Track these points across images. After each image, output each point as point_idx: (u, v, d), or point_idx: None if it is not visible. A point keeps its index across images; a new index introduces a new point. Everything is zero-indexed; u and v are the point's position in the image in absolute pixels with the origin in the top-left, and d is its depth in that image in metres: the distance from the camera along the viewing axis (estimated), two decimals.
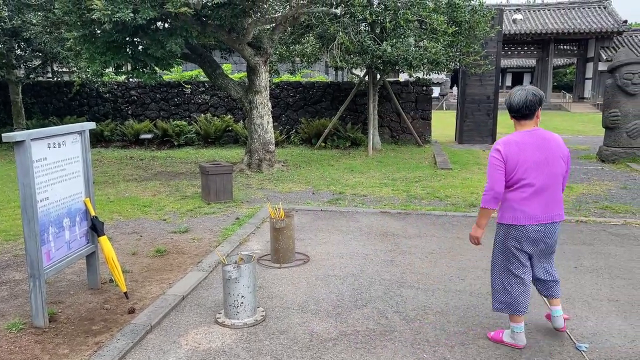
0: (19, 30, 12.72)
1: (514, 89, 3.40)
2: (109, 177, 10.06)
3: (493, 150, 3.31)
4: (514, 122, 3.37)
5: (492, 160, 3.30)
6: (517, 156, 3.24)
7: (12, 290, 4.47)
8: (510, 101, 3.33)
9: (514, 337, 3.45)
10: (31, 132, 3.62)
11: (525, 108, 3.27)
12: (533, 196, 3.27)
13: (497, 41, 14.59)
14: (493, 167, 3.30)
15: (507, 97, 3.39)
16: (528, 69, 51.48)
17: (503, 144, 3.29)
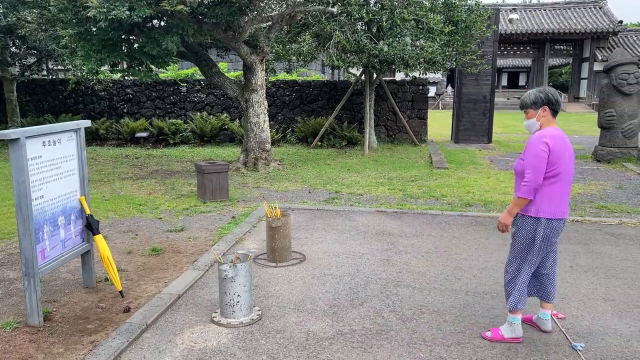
0: (13, 27, 12.64)
1: (547, 88, 3.49)
2: (104, 175, 10.02)
3: (540, 143, 3.30)
4: (549, 117, 3.43)
5: (539, 152, 3.29)
6: (560, 150, 3.31)
7: (7, 289, 4.45)
8: (554, 96, 3.43)
9: (514, 330, 3.52)
10: (26, 129, 3.59)
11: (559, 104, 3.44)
12: (566, 190, 3.39)
13: (493, 41, 14.62)
14: (540, 159, 3.29)
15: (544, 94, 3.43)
16: (524, 69, 51.62)
17: (550, 137, 3.32)
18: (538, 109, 3.44)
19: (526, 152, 3.38)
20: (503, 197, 7.99)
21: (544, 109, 3.42)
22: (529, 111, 3.49)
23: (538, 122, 3.45)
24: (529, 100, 3.46)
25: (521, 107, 3.56)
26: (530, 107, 3.46)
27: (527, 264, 3.48)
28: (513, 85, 52.74)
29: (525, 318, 3.79)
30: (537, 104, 3.43)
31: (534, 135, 3.39)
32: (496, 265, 5.02)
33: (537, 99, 3.42)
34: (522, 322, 3.74)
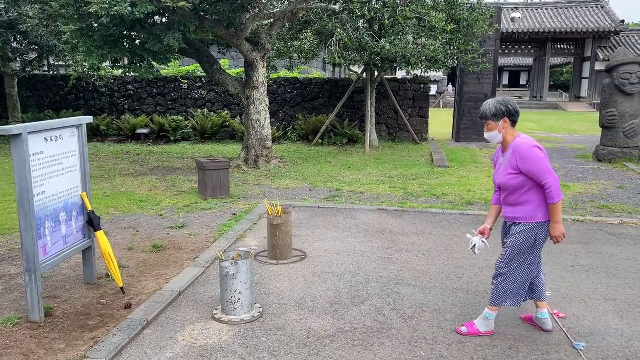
0: (15, 22, 12.64)
1: (507, 99, 3.50)
2: (105, 171, 10.02)
3: (534, 148, 3.34)
4: (510, 127, 3.47)
5: (540, 155, 3.32)
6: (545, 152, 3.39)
7: (8, 285, 4.45)
8: (514, 107, 3.46)
9: (489, 325, 3.62)
10: (28, 125, 3.59)
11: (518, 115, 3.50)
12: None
13: (495, 39, 14.60)
14: (545, 160, 3.33)
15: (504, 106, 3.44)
16: (525, 68, 51.60)
17: (533, 142, 3.39)
18: (499, 120, 3.45)
19: (522, 162, 3.34)
20: None
21: (504, 121, 3.44)
22: (490, 123, 3.48)
23: (500, 133, 3.47)
24: (489, 112, 3.46)
25: (481, 118, 3.56)
26: (491, 119, 3.46)
27: (526, 265, 3.51)
28: (514, 84, 52.73)
29: (526, 317, 3.84)
30: (497, 116, 3.44)
31: (521, 145, 3.37)
32: None
33: (498, 111, 3.43)
34: (523, 321, 3.81)
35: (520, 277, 3.53)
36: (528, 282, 3.57)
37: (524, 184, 3.39)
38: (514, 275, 3.52)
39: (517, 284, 3.54)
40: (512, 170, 3.41)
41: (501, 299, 3.56)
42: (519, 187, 3.41)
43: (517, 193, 3.43)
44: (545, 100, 34.73)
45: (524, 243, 3.45)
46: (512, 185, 3.43)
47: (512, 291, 3.54)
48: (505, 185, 3.48)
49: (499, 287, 3.57)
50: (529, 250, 3.47)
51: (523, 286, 3.56)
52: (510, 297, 3.56)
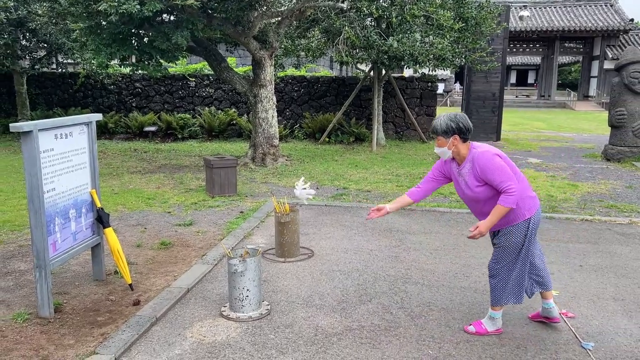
0: (24, 20, 12.71)
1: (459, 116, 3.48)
2: (113, 169, 10.07)
3: (493, 156, 3.37)
4: (459, 143, 3.46)
5: (498, 162, 3.35)
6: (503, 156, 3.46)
7: (18, 281, 4.48)
8: (465, 124, 3.44)
9: (495, 324, 3.62)
10: (38, 122, 3.61)
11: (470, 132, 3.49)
12: (526, 182, 3.53)
13: (503, 38, 14.53)
14: (504, 167, 3.34)
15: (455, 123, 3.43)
16: (533, 67, 51.35)
17: (487, 149, 3.44)
18: (449, 138, 3.45)
19: (484, 172, 3.36)
20: None
21: (454, 138, 3.44)
22: (440, 139, 3.49)
23: (449, 150, 3.49)
24: (440, 129, 3.46)
25: (433, 133, 3.56)
26: (441, 135, 3.47)
27: (519, 262, 3.52)
28: (522, 83, 52.46)
29: (533, 316, 3.84)
30: (447, 133, 3.44)
31: (478, 155, 3.39)
32: None
33: (448, 128, 3.42)
34: (531, 319, 3.81)
35: (515, 275, 3.54)
36: (525, 278, 3.56)
37: (493, 194, 3.39)
38: (509, 273, 3.54)
39: (514, 282, 3.55)
40: (478, 182, 3.43)
41: (501, 299, 3.58)
42: (492, 196, 3.41)
43: (492, 201, 3.41)
44: (553, 99, 34.55)
45: (513, 243, 3.49)
46: (484, 196, 3.44)
47: (510, 289, 3.56)
48: (476, 198, 3.49)
49: (496, 287, 3.58)
50: (519, 248, 3.49)
51: (520, 282, 3.56)
52: (510, 296, 3.57)
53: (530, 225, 3.46)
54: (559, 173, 10.02)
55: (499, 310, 3.61)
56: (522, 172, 9.89)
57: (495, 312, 3.61)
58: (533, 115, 26.23)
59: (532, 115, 26.64)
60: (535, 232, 3.52)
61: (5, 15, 12.15)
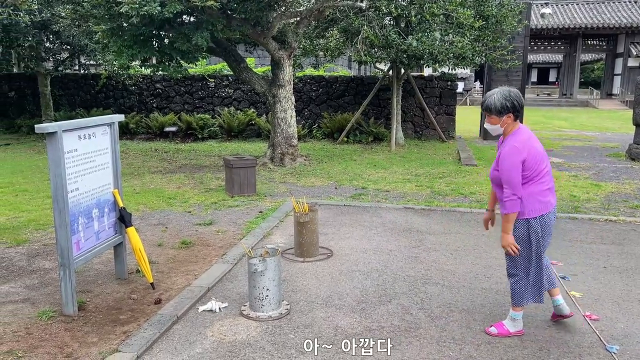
0: (48, 23, 12.95)
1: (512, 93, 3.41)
2: (134, 169, 10.19)
3: (514, 153, 3.31)
4: (511, 122, 3.43)
5: (514, 163, 3.30)
6: (534, 151, 3.35)
7: (43, 279, 4.57)
8: (519, 102, 3.40)
9: (517, 325, 3.59)
10: (62, 123, 3.67)
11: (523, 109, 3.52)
12: (550, 183, 3.44)
13: (524, 36, 14.35)
14: (515, 170, 3.30)
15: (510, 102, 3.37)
16: (554, 65, 50.57)
17: (520, 143, 3.34)
18: (503, 116, 3.40)
19: (501, 163, 3.38)
20: None
21: (508, 116, 3.40)
22: (493, 117, 3.43)
23: (502, 127, 3.45)
24: (495, 109, 3.39)
25: (485, 111, 3.48)
26: (495, 114, 3.41)
27: (533, 261, 3.49)
28: (543, 82, 51.73)
29: (553, 316, 3.78)
30: (502, 113, 3.39)
31: (507, 146, 3.37)
32: None
33: (503, 107, 3.37)
34: (553, 321, 3.77)
35: (532, 273, 3.51)
36: (543, 277, 3.54)
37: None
38: (527, 273, 3.52)
39: (532, 281, 3.53)
40: (496, 167, 3.45)
41: (521, 298, 3.55)
42: (498, 183, 3.45)
43: (502, 189, 3.42)
44: (575, 98, 34.01)
45: (519, 241, 3.45)
46: (496, 181, 3.47)
47: (529, 289, 3.54)
48: (493, 181, 3.54)
49: (515, 287, 3.57)
50: (528, 245, 3.45)
51: (538, 281, 3.53)
52: (530, 295, 3.55)
53: (530, 226, 3.40)
54: (581, 173, 9.86)
55: (519, 310, 3.58)
56: None
57: (516, 312, 3.58)
58: (554, 114, 25.85)
59: (553, 114, 26.26)
60: (544, 236, 3.44)
61: (30, 18, 12.38)
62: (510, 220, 3.38)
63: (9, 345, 3.42)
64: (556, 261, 5.01)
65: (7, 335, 3.56)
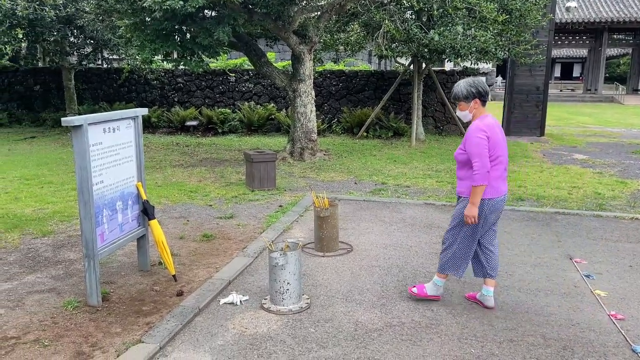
0: (72, 18, 13.13)
1: (476, 80, 3.73)
2: (156, 162, 10.30)
3: (479, 132, 3.59)
4: (480, 108, 3.72)
5: (480, 141, 3.58)
6: (497, 137, 3.63)
7: (67, 269, 4.65)
8: (484, 88, 3.70)
9: (437, 290, 3.97)
10: (88, 116, 3.72)
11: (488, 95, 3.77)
12: (504, 171, 3.73)
13: (549, 30, 14.09)
14: (482, 147, 3.57)
15: (474, 88, 3.67)
16: (578, 59, 49.65)
17: (485, 126, 3.62)
18: (470, 102, 3.70)
19: (467, 143, 3.65)
20: (557, 192, 7.74)
21: (475, 102, 3.69)
22: (461, 104, 3.74)
23: (470, 113, 3.74)
24: (461, 95, 3.70)
25: (454, 99, 3.79)
26: (463, 100, 3.71)
27: (468, 238, 3.77)
28: (567, 77, 50.86)
29: (469, 296, 4.08)
30: (468, 98, 3.69)
31: (472, 127, 3.65)
32: (550, 262, 4.88)
33: (469, 93, 3.67)
34: (467, 299, 4.07)
35: (459, 249, 3.80)
36: (468, 256, 3.80)
37: (468, 162, 3.67)
38: (454, 245, 3.81)
39: (457, 255, 3.81)
40: (462, 147, 3.72)
41: (444, 267, 3.87)
42: (464, 164, 3.72)
43: (463, 169, 3.75)
44: (600, 93, 33.35)
45: (460, 212, 3.76)
46: (459, 160, 3.76)
47: (452, 261, 3.83)
48: (456, 159, 3.81)
49: (443, 256, 3.89)
50: (473, 225, 3.70)
51: (463, 258, 3.81)
52: (451, 267, 3.85)
53: (483, 207, 3.66)
54: (606, 170, 9.67)
55: (442, 278, 3.93)
56: (567, 168, 9.57)
57: (439, 279, 3.94)
58: (578, 110, 25.39)
59: (577, 109, 25.80)
60: (489, 219, 3.72)
61: (55, 12, 12.59)
62: (479, 193, 3.60)
63: (35, 334, 3.50)
64: (580, 259, 4.94)
65: (33, 324, 3.63)
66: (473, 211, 3.63)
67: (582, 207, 6.90)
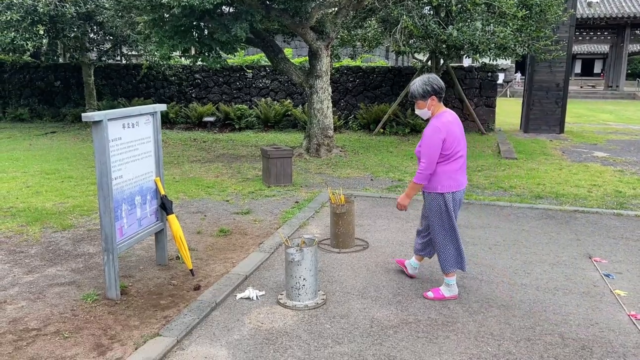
0: (92, 14, 13.27)
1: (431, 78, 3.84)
2: (174, 157, 10.39)
3: (436, 132, 3.73)
4: (436, 103, 3.85)
5: (435, 141, 3.74)
6: (455, 134, 3.78)
7: (87, 263, 4.72)
8: (439, 85, 3.82)
9: (452, 290, 4.02)
10: (108, 112, 3.77)
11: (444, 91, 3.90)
12: (462, 165, 3.89)
13: (569, 25, 13.87)
14: (435, 147, 3.74)
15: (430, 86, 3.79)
16: (599, 56, 48.84)
17: (443, 124, 3.75)
18: (427, 100, 3.83)
19: (423, 141, 3.80)
20: (576, 190, 7.63)
21: (432, 99, 3.83)
22: (419, 102, 3.87)
23: (429, 110, 3.87)
24: (418, 94, 3.83)
25: (411, 98, 3.91)
26: (420, 99, 3.84)
27: (452, 230, 3.93)
28: (587, 73, 50.07)
29: (398, 261, 4.50)
30: (425, 96, 3.82)
31: (430, 126, 3.80)
32: (569, 260, 4.82)
33: (425, 92, 3.80)
34: (395, 262, 4.53)
35: (453, 244, 3.94)
36: (461, 247, 3.96)
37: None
38: (445, 242, 3.95)
39: (454, 250, 3.94)
40: (421, 143, 3.88)
41: (447, 266, 3.97)
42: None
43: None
44: (621, 90, 32.75)
45: (436, 209, 3.91)
46: (419, 156, 3.91)
47: (454, 256, 3.95)
48: (417, 156, 3.94)
49: (439, 255, 4.00)
50: (447, 216, 3.89)
51: (459, 250, 3.95)
52: (454, 263, 3.97)
53: (445, 199, 3.85)
54: (627, 168, 9.51)
55: (451, 277, 4.00)
56: (587, 166, 9.43)
57: (449, 278, 4.01)
58: (599, 107, 24.98)
59: (598, 106, 25.38)
60: (455, 210, 3.91)
61: (75, 9, 12.74)
62: (416, 189, 3.91)
63: (55, 325, 3.56)
64: (600, 258, 4.87)
65: (54, 316, 3.70)
66: (405, 201, 3.99)
67: (602, 206, 6.80)
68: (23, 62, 17.16)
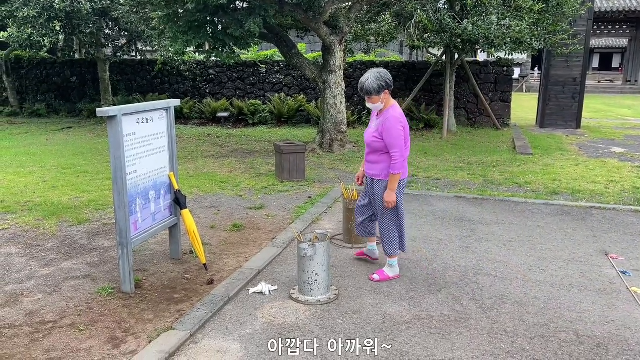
0: (107, 10, 13.39)
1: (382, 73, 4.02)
2: (188, 153, 10.46)
3: (398, 123, 3.98)
4: (388, 96, 4.08)
5: (399, 132, 3.98)
6: (406, 123, 4.09)
7: (102, 257, 4.78)
8: (390, 79, 4.04)
9: (394, 270, 4.29)
10: (122, 107, 3.80)
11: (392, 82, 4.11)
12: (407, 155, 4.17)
13: (587, 19, 13.67)
14: (400, 138, 3.98)
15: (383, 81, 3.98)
16: (618, 50, 48.06)
17: (401, 116, 4.04)
18: (381, 94, 4.02)
19: (386, 134, 3.98)
20: (593, 186, 7.53)
21: (385, 93, 4.04)
22: (374, 97, 4.03)
23: (382, 104, 4.07)
24: (373, 89, 3.98)
25: (366, 95, 4.05)
26: (375, 94, 4.01)
27: (399, 216, 4.19)
28: (605, 67, 49.27)
29: (358, 253, 4.70)
30: (380, 91, 4.00)
31: (390, 117, 3.99)
32: (584, 257, 4.76)
33: (380, 87, 3.97)
34: (356, 256, 4.71)
35: (397, 227, 4.21)
36: (404, 228, 4.25)
37: (383, 148, 4.05)
38: (391, 225, 4.19)
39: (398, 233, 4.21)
40: (378, 135, 4.04)
41: (393, 249, 4.21)
42: (378, 150, 4.08)
43: (376, 154, 4.11)
44: None
45: (377, 194, 4.15)
46: (374, 147, 4.10)
47: (397, 240, 4.22)
48: (369, 145, 4.15)
49: (384, 238, 4.22)
50: (400, 203, 4.15)
51: (402, 232, 4.23)
52: (399, 246, 4.25)
53: (401, 186, 4.11)
54: None
55: (394, 258, 4.26)
56: (604, 161, 9.34)
57: (392, 260, 4.27)
58: (617, 102, 24.60)
59: (616, 101, 25.00)
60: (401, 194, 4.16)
61: (91, 5, 12.85)
62: (396, 179, 4.02)
63: (71, 318, 3.61)
64: (616, 255, 4.81)
65: (69, 309, 3.75)
66: (392, 197, 4.05)
67: (620, 202, 6.70)
68: (40, 58, 17.37)
